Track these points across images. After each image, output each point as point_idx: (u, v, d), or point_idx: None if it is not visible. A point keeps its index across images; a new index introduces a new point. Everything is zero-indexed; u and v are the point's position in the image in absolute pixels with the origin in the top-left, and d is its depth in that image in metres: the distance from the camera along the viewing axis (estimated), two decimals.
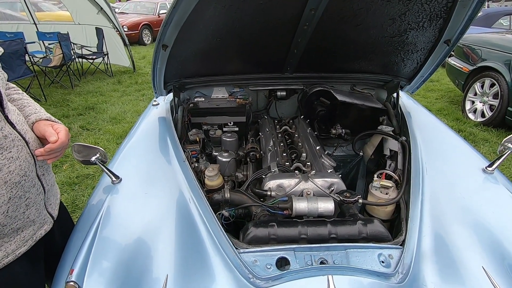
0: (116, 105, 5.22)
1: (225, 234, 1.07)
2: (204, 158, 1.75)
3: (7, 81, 1.11)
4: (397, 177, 1.39)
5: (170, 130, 1.68)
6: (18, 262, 0.99)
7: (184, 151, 1.51)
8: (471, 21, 1.14)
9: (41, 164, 1.01)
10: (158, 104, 2.05)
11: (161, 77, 1.57)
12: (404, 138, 1.64)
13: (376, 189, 1.35)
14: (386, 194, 1.34)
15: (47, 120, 1.03)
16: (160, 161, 1.44)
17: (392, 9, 1.16)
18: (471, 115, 4.65)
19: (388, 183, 1.33)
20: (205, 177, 1.41)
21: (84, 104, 5.17)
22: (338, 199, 1.21)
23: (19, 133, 0.91)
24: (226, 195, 1.25)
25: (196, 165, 1.52)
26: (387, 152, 1.58)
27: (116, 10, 12.92)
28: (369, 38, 1.40)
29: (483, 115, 4.47)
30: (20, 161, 0.90)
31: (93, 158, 1.25)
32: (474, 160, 1.47)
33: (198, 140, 1.74)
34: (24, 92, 1.15)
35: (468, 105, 4.74)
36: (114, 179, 1.28)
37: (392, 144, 1.63)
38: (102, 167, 1.26)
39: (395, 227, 1.31)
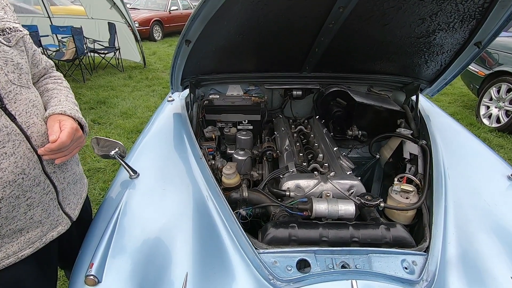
0: (127, 100, 5.25)
1: (244, 233, 1.05)
2: (219, 155, 1.74)
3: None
4: (418, 182, 1.36)
5: (186, 127, 1.67)
6: (22, 265, 0.93)
7: (200, 148, 1.50)
8: (507, 22, 1.10)
9: (50, 160, 0.91)
10: (173, 100, 2.04)
11: (179, 72, 1.56)
12: (424, 141, 1.61)
13: (396, 193, 1.33)
14: (407, 198, 1.31)
15: (61, 114, 0.93)
16: (177, 158, 1.43)
17: (424, 9, 1.12)
18: (485, 121, 4.56)
19: (409, 187, 1.30)
20: (221, 175, 1.40)
21: (96, 98, 5.21)
22: (359, 202, 1.18)
23: (19, 126, 0.82)
24: (244, 194, 1.24)
25: (213, 162, 1.51)
26: (406, 156, 1.54)
27: (128, 5, 12.99)
28: (394, 38, 1.36)
29: (498, 120, 4.37)
30: (16, 158, 0.81)
31: (112, 152, 1.24)
32: (497, 166, 1.43)
33: (214, 137, 1.73)
34: (64, 82, 1.09)
35: (482, 110, 4.65)
36: (132, 174, 1.28)
37: (412, 148, 1.59)
38: (121, 161, 1.25)
39: (415, 232, 1.27)
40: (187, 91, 1.91)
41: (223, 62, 1.73)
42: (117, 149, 1.26)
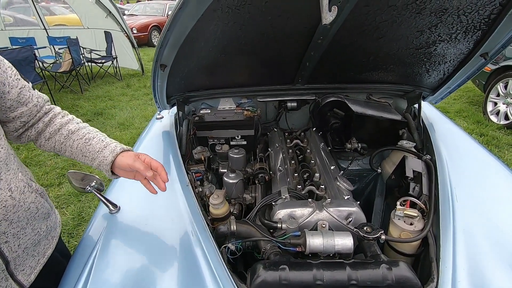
0: (125, 110, 5.19)
1: (230, 277, 0.95)
2: (209, 177, 1.64)
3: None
4: (422, 205, 1.25)
5: (174, 148, 1.58)
6: None
7: (187, 173, 1.40)
8: None
9: (4, 230, 0.80)
10: (162, 117, 1.95)
11: (162, 92, 1.47)
12: (428, 156, 1.49)
13: (399, 219, 1.21)
14: (411, 224, 1.20)
15: (124, 151, 1.00)
16: None
17: (422, 21, 1.01)
18: (493, 118, 4.39)
19: (414, 212, 1.19)
20: (209, 204, 1.30)
21: (93, 109, 5.16)
22: (357, 234, 1.07)
23: None
24: (232, 228, 1.14)
25: (200, 189, 1.42)
26: (409, 174, 1.43)
27: (126, 12, 13.01)
28: (391, 49, 1.25)
29: (506, 117, 4.21)
30: None
31: (88, 187, 1.16)
32: (511, 183, 1.31)
33: (203, 158, 1.63)
34: (74, 118, 1.06)
35: (489, 107, 4.48)
36: (112, 208, 1.19)
37: (415, 164, 1.47)
38: (99, 196, 1.17)
39: (420, 266, 1.16)
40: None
41: (211, 79, 1.64)
42: (94, 183, 1.17)
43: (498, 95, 4.36)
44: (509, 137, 3.97)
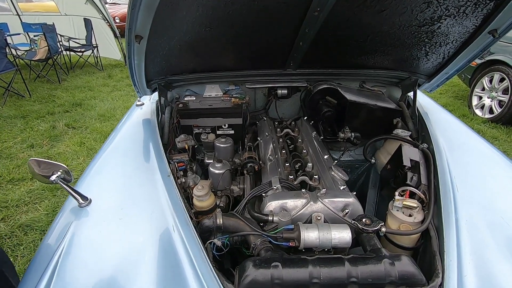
0: (106, 101, 4.94)
1: (216, 276, 0.85)
2: (194, 167, 1.52)
3: None
4: (422, 195, 1.17)
5: (155, 136, 1.45)
6: None
7: (169, 163, 1.28)
8: None
9: None
10: (143, 104, 1.81)
11: (141, 74, 1.33)
12: (425, 145, 1.42)
13: (397, 210, 1.14)
14: (410, 215, 1.12)
15: None
16: (140, 176, 1.21)
17: None
18: (478, 111, 4.45)
19: (413, 202, 1.11)
20: (193, 196, 1.18)
21: (71, 100, 4.88)
22: (355, 227, 0.99)
23: None
24: (218, 221, 1.03)
25: (183, 180, 1.29)
26: (407, 163, 1.35)
27: (108, 0, 12.46)
28: (392, 27, 1.15)
29: (491, 111, 4.27)
30: None
31: (54, 177, 1.01)
32: (510, 172, 1.25)
33: (187, 147, 1.50)
34: None
35: (475, 101, 4.53)
36: (81, 201, 1.05)
37: (412, 153, 1.40)
38: (65, 187, 1.02)
39: (419, 257, 1.09)
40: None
41: (195, 60, 1.50)
42: (59, 173, 1.03)
43: (483, 89, 4.41)
44: (494, 130, 4.03)
